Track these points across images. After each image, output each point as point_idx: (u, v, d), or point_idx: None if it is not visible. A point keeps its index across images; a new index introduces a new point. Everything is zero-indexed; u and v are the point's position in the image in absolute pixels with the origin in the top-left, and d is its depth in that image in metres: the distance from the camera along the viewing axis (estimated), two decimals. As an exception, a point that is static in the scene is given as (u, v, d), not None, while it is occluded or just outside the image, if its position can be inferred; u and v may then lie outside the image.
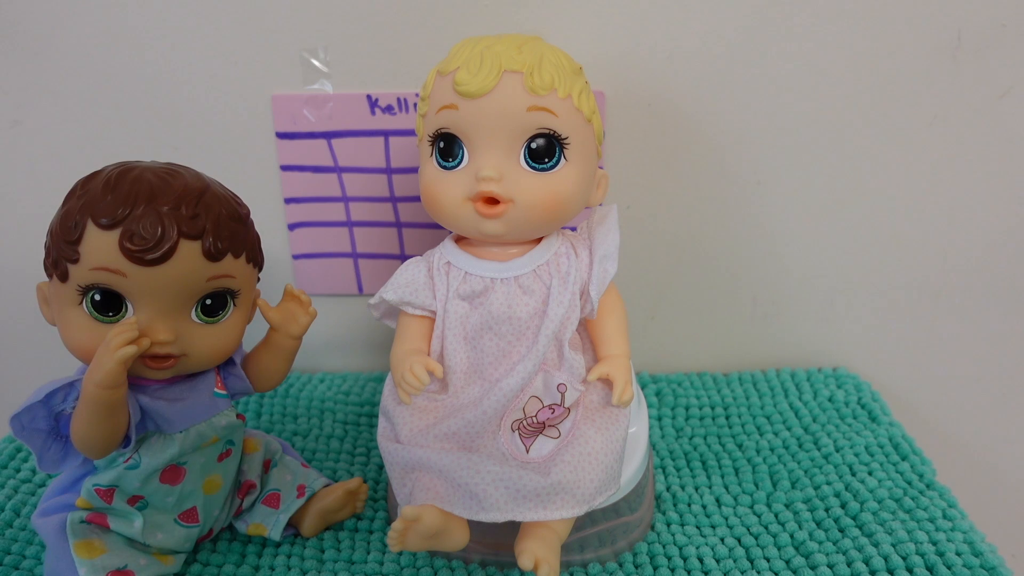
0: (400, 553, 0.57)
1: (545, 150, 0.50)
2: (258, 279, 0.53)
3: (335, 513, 0.59)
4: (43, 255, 0.48)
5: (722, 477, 0.65)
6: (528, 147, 0.50)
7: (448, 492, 0.49)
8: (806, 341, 0.79)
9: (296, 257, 0.76)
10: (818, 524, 0.59)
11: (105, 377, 0.44)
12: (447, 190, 0.51)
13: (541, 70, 0.49)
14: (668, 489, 0.63)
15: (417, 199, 0.72)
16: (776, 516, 0.60)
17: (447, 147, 0.51)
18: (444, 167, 0.51)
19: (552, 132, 0.50)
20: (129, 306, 0.47)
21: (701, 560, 0.56)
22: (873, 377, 0.79)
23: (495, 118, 0.49)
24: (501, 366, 0.53)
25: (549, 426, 0.51)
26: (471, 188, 0.50)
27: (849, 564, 0.54)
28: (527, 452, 0.50)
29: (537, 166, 0.50)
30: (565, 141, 0.50)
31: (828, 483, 0.62)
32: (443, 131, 0.51)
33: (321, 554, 0.57)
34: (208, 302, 0.49)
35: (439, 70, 0.51)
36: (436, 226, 0.73)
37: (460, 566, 0.56)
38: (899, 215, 0.73)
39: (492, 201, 0.50)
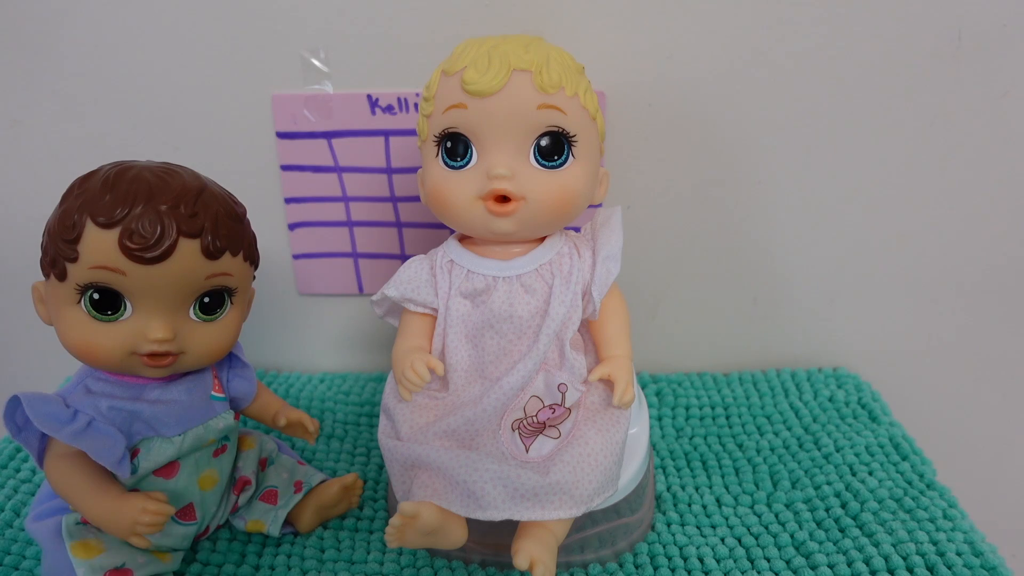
0: (400, 553, 0.57)
1: (555, 147, 0.50)
2: (254, 277, 0.53)
3: (331, 508, 0.59)
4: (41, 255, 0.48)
5: (722, 477, 0.64)
6: (538, 145, 0.50)
7: (446, 489, 0.49)
8: (806, 341, 0.79)
9: (296, 257, 0.76)
10: (818, 524, 0.59)
11: (111, 532, 0.48)
12: (456, 189, 0.51)
13: (549, 68, 0.49)
14: (668, 489, 0.63)
15: (418, 199, 0.72)
16: (776, 516, 0.60)
17: (454, 146, 0.51)
18: (452, 167, 0.51)
19: (561, 130, 0.50)
20: (128, 304, 0.47)
21: (701, 560, 0.56)
22: (873, 377, 0.79)
23: (505, 116, 0.49)
24: (502, 364, 0.53)
25: (549, 426, 0.51)
26: (482, 187, 0.50)
27: (849, 564, 0.54)
28: (527, 452, 0.50)
29: (547, 163, 0.50)
30: (573, 139, 0.50)
31: (828, 483, 0.62)
32: (451, 130, 0.51)
33: (321, 553, 0.57)
34: (206, 300, 0.49)
35: (444, 70, 0.51)
36: (437, 226, 0.73)
37: (460, 566, 0.56)
38: (899, 215, 0.73)
39: (503, 199, 0.50)
